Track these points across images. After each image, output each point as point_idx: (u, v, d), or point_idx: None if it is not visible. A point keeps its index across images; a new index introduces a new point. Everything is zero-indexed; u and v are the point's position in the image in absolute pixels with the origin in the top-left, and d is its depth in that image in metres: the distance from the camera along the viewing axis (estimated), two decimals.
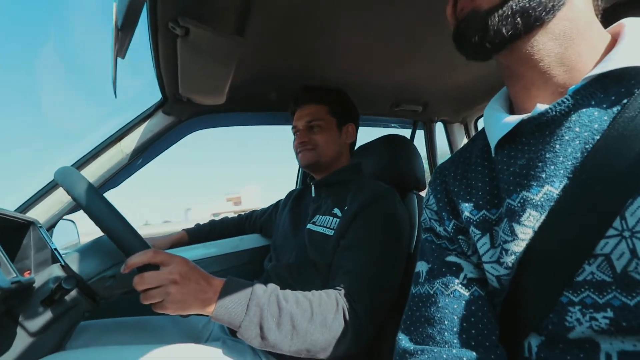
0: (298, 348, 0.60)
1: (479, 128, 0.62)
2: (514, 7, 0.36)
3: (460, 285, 0.44)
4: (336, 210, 0.84)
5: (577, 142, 0.36)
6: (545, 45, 0.38)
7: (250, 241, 1.28)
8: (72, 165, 0.98)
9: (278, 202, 1.21)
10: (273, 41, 0.83)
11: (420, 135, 1.60)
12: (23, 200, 0.93)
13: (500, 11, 0.36)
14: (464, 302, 0.43)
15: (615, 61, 0.35)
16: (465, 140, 1.61)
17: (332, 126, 0.95)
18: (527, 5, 0.36)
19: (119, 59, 0.67)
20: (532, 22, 0.36)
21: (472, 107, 1.46)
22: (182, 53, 0.73)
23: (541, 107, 0.38)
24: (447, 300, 0.44)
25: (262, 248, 1.27)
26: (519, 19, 0.36)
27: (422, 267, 0.49)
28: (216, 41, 0.70)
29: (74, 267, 0.69)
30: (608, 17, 0.41)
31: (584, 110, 0.36)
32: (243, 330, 0.58)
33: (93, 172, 0.98)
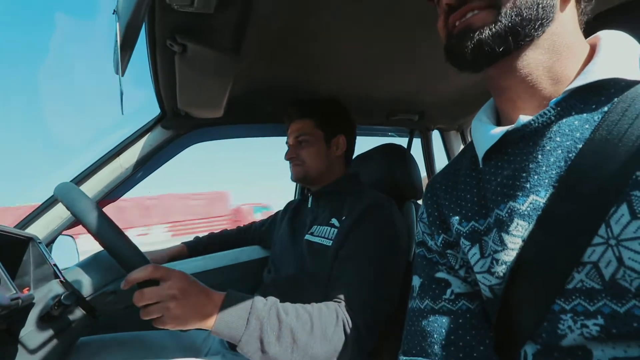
0: None
1: None
2: (506, 24, 0.37)
3: (447, 301, 0.46)
4: (334, 221, 0.85)
5: (560, 151, 0.37)
6: (534, 59, 0.39)
7: (249, 253, 1.27)
8: (71, 181, 0.98)
9: (277, 213, 1.21)
10: (269, 55, 0.85)
11: (417, 143, 1.61)
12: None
13: (493, 29, 0.37)
14: (452, 316, 0.45)
15: (594, 73, 0.36)
16: (462, 148, 1.62)
17: (319, 140, 0.96)
18: (518, 22, 0.37)
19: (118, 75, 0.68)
20: (523, 38, 0.38)
21: (468, 115, 1.47)
22: (180, 69, 0.75)
23: (524, 118, 0.39)
24: (436, 315, 0.46)
25: (262, 260, 1.26)
26: (510, 36, 0.37)
27: (415, 281, 0.51)
28: (213, 57, 0.72)
29: (74, 282, 0.69)
30: (587, 28, 0.42)
31: (564, 120, 0.37)
32: (243, 344, 0.57)
33: (93, 187, 0.99)
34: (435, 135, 1.63)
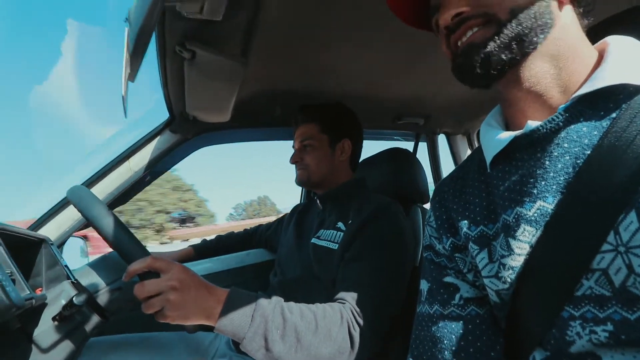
0: None
1: None
2: (509, 34, 0.38)
3: (456, 306, 0.46)
4: (340, 224, 0.85)
5: (567, 157, 0.37)
6: (541, 67, 0.39)
7: (256, 256, 1.28)
8: (82, 184, 1.01)
9: (283, 216, 1.22)
10: (276, 59, 0.86)
11: (423, 147, 1.61)
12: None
13: (497, 40, 0.38)
14: (461, 322, 0.45)
15: (603, 79, 0.36)
16: (468, 152, 1.61)
17: (324, 144, 0.96)
18: (520, 31, 0.37)
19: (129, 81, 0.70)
20: (527, 46, 0.38)
21: (474, 119, 1.47)
22: (189, 75, 0.76)
23: (532, 124, 0.39)
24: (445, 320, 0.46)
25: (268, 262, 1.27)
26: (514, 45, 0.38)
27: (423, 286, 0.51)
28: (221, 63, 0.73)
29: (83, 282, 0.70)
30: (594, 34, 0.42)
31: (572, 126, 0.37)
32: (247, 342, 0.57)
33: (103, 190, 1.01)
34: (441, 140, 1.62)
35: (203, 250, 1.24)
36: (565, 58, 0.39)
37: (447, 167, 1.64)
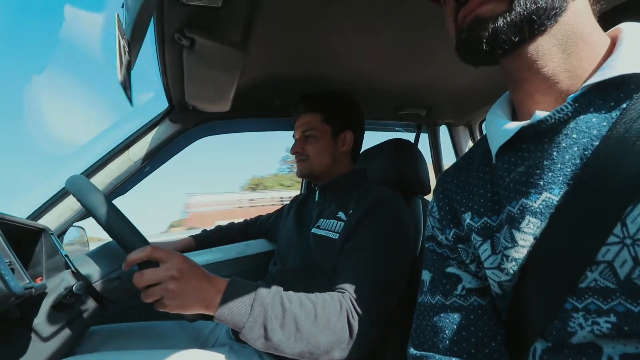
0: (301, 350, 0.60)
1: (484, 131, 0.62)
2: (521, 12, 0.36)
3: (459, 297, 0.46)
4: (341, 214, 0.85)
5: (575, 148, 0.36)
6: (549, 50, 0.38)
7: (256, 246, 1.28)
8: (81, 174, 1.00)
9: (283, 207, 1.22)
10: (277, 48, 0.85)
11: (424, 138, 1.60)
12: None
13: (508, 17, 0.36)
14: (463, 312, 0.45)
15: (614, 69, 0.35)
16: (470, 144, 1.60)
17: (326, 135, 0.95)
18: (534, 10, 0.36)
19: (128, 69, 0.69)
20: (537, 27, 0.37)
21: (476, 110, 1.45)
22: (188, 63, 0.75)
23: (540, 114, 0.38)
24: (447, 310, 0.46)
25: (268, 253, 1.28)
26: (525, 25, 0.36)
27: (425, 276, 0.51)
28: (221, 51, 0.72)
29: (83, 271, 0.71)
30: (606, 20, 0.41)
31: (581, 117, 0.36)
32: (247, 331, 0.57)
33: (102, 180, 1.00)
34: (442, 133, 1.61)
35: (203, 240, 1.24)
36: (574, 44, 0.38)
37: (448, 158, 1.63)
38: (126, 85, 0.71)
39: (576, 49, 0.38)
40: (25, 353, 0.61)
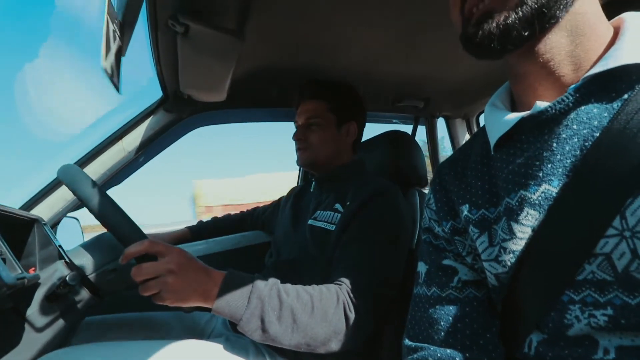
0: (298, 342, 0.61)
1: (481, 124, 0.61)
2: (533, 6, 0.35)
3: (454, 289, 0.46)
4: (337, 206, 0.85)
5: (576, 139, 0.35)
6: (557, 42, 0.37)
7: (252, 238, 1.28)
8: (74, 163, 0.99)
9: (280, 198, 1.21)
10: (274, 37, 0.83)
11: (422, 131, 1.59)
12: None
13: (520, 12, 0.35)
14: (459, 304, 0.45)
15: (617, 59, 0.34)
16: (467, 136, 1.60)
17: (331, 124, 0.93)
18: (545, 3, 0.34)
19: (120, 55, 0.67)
20: (548, 20, 0.35)
21: (474, 102, 1.45)
22: (182, 50, 0.73)
23: (541, 104, 0.37)
24: (443, 302, 0.46)
25: (264, 245, 1.27)
26: (536, 19, 0.35)
27: (421, 268, 0.51)
28: (216, 38, 0.70)
29: (77, 262, 0.70)
30: (609, 10, 0.40)
31: (582, 107, 0.36)
32: (244, 323, 0.58)
33: (95, 170, 0.99)
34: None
35: (199, 231, 1.24)
36: (582, 34, 0.37)
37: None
38: (113, 72, 0.69)
39: (584, 39, 0.37)
40: (19, 343, 0.60)
